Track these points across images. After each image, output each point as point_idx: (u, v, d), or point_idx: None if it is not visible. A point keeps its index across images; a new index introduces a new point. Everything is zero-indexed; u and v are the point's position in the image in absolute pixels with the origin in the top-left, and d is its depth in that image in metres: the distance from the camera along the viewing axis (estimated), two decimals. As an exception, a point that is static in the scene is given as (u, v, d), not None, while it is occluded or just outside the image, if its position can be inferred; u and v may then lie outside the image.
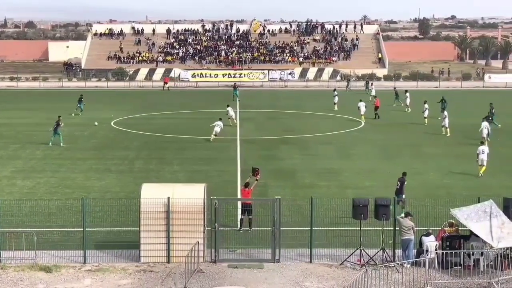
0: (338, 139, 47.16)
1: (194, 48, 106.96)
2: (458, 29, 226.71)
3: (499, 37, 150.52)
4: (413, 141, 45.86)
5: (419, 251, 21.78)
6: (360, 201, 21.94)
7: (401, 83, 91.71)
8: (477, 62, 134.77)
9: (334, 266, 21.61)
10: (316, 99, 73.28)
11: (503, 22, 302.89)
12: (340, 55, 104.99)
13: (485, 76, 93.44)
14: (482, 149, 35.30)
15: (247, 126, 53.17)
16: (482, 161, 35.01)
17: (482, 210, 21.12)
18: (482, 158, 35.04)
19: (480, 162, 35.05)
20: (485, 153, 35.10)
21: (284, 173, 35.58)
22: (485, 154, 35.06)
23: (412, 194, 28.06)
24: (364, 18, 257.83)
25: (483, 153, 35.12)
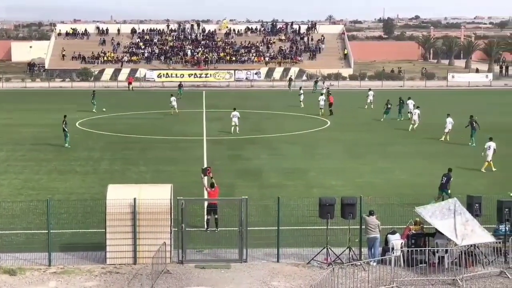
0: (304, 139, 47.32)
1: (160, 48, 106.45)
2: (421, 29, 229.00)
3: (462, 37, 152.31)
4: (378, 140, 46.20)
5: (385, 249, 21.93)
6: (327, 200, 22.02)
7: (366, 82, 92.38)
8: (440, 61, 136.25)
9: (301, 265, 21.67)
10: (282, 99, 73.41)
11: (465, 22, 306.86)
12: (306, 55, 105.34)
13: (448, 76, 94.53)
14: (489, 145, 36.02)
15: (214, 126, 53.06)
16: (487, 156, 35.79)
17: (447, 208, 21.35)
18: (487, 154, 35.81)
19: (485, 157, 35.82)
20: (491, 149, 35.77)
21: (251, 173, 35.59)
22: (491, 150, 35.74)
23: (377, 193, 28.26)
24: (330, 18, 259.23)
25: (489, 149, 35.85)
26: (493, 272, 20.89)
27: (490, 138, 37.14)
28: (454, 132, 46.11)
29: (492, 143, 36.30)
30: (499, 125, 52.82)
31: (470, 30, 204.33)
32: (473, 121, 44.84)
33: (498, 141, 43.93)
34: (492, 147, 35.98)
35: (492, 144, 36.19)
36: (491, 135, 37.78)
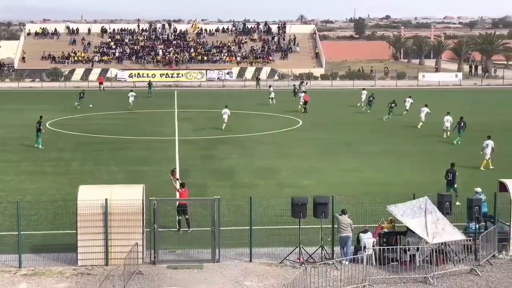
0: (276, 138, 47.39)
1: (131, 48, 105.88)
2: (392, 29, 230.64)
3: (432, 37, 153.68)
4: (350, 140, 46.40)
5: (357, 248, 22.03)
6: (299, 200, 22.07)
7: (338, 82, 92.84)
8: (411, 61, 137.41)
9: (273, 265, 21.69)
10: (254, 99, 73.44)
11: (435, 22, 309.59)
12: (277, 55, 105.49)
13: (419, 75, 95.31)
14: (487, 143, 36.50)
15: (186, 126, 52.92)
16: (486, 155, 36.33)
17: (418, 207, 21.50)
18: (486, 152, 36.33)
19: (484, 156, 36.38)
20: (489, 147, 36.24)
21: (223, 173, 35.55)
22: (489, 148, 36.23)
23: (349, 192, 28.39)
24: (301, 18, 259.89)
25: (487, 147, 36.34)
26: (464, 269, 21.10)
27: (488, 136, 37.51)
28: (431, 131, 46.47)
29: (490, 141, 36.71)
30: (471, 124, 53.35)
31: (440, 30, 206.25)
32: (462, 121, 45.50)
33: (470, 140, 44.45)
34: (490, 145, 36.41)
35: (490, 142, 36.59)
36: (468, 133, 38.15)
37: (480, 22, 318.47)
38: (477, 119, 56.07)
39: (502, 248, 22.42)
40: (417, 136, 47.73)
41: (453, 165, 29.94)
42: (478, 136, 47.38)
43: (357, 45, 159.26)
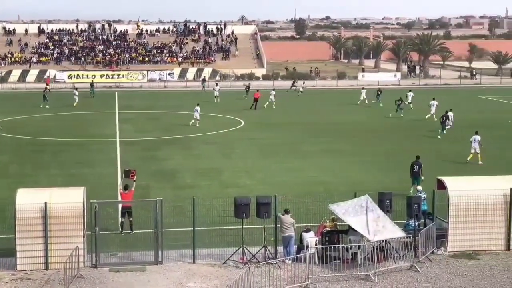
0: (219, 139, 47.34)
1: (70, 48, 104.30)
2: (332, 29, 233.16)
3: (371, 37, 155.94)
4: (292, 139, 46.68)
5: (300, 247, 22.17)
6: (242, 200, 22.08)
7: (279, 82, 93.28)
8: (351, 61, 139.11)
9: (217, 266, 21.66)
10: (197, 99, 73.08)
11: (374, 23, 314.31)
12: (219, 55, 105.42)
13: (359, 75, 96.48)
14: (474, 138, 37.89)
15: (127, 127, 52.42)
16: (475, 149, 37.59)
17: (359, 205, 21.76)
18: (473, 146, 37.64)
19: (472, 150, 37.60)
20: (476, 142, 37.59)
21: (166, 174, 35.34)
22: (476, 143, 37.57)
23: (291, 191, 28.56)
24: (242, 19, 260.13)
25: (475, 142, 37.66)
26: (404, 266, 21.44)
27: (476, 132, 38.96)
28: (373, 130, 47.06)
29: (477, 136, 38.05)
30: (409, 123, 54.35)
31: (379, 31, 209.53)
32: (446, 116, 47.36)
33: (404, 139, 45.31)
34: (477, 140, 37.75)
35: (477, 137, 37.95)
36: (402, 133, 38.76)
37: (417, 23, 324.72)
38: (416, 118, 57.11)
39: (441, 244, 22.88)
40: (359, 135, 48.30)
41: (418, 158, 31.13)
42: (417, 135, 48.30)
43: (298, 46, 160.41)
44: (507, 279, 20.42)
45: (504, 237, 22.95)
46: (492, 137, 45.44)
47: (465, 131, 49.16)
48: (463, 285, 19.98)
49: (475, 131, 39.17)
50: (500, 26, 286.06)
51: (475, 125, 48.68)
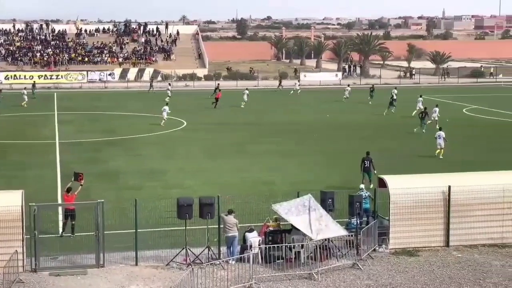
0: (162, 139, 47.01)
1: (6, 49, 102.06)
2: (274, 29, 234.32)
3: (312, 37, 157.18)
4: (236, 140, 46.67)
5: (243, 247, 22.17)
6: (185, 201, 21.95)
7: (222, 82, 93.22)
8: (292, 61, 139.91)
9: (160, 267, 21.49)
10: (138, 100, 72.64)
11: (315, 23, 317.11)
12: (160, 56, 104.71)
13: (300, 75, 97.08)
14: (439, 134, 39.81)
15: (67, 128, 51.59)
16: (440, 144, 39.25)
17: (302, 204, 21.87)
18: (439, 142, 39.38)
19: (438, 145, 39.26)
20: (441, 138, 39.39)
21: (108, 175, 34.91)
22: (441, 139, 39.35)
23: (235, 192, 28.54)
24: (183, 19, 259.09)
25: (440, 138, 39.45)
26: (346, 264, 21.65)
27: (440, 128, 41.48)
28: (316, 130, 47.30)
29: (441, 132, 39.92)
30: (352, 122, 54.98)
31: (320, 31, 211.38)
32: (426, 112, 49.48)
33: (346, 138, 45.80)
34: (442, 136, 39.47)
35: (441, 133, 39.78)
36: (345, 132, 38.97)
37: (357, 23, 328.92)
38: (354, 117, 57.84)
39: (382, 242, 23.18)
40: (301, 136, 48.60)
41: (368, 153, 32.38)
42: (354, 135, 48.89)
43: (240, 46, 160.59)
44: (446, 274, 20.82)
45: (443, 233, 23.39)
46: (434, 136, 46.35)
47: (405, 129, 49.95)
48: (404, 281, 20.29)
49: (439, 127, 41.62)
50: (438, 26, 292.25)
51: (416, 124, 49.55)
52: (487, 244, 23.38)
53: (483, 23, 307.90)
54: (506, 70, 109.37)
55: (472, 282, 20.20)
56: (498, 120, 55.65)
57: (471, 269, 21.26)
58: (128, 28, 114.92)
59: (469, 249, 23.08)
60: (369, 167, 31.94)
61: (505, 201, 23.55)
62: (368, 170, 31.91)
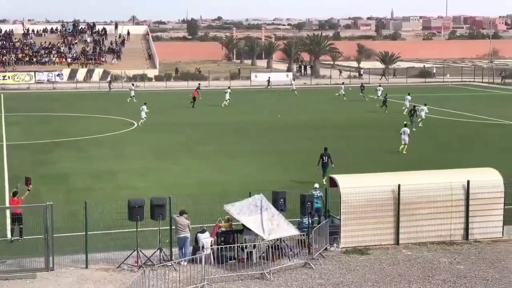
0: (112, 141, 46.55)
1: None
2: (224, 30, 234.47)
3: (263, 38, 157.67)
4: (187, 140, 46.51)
5: (196, 248, 22.11)
6: (136, 202, 21.77)
7: (172, 83, 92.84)
8: (243, 61, 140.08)
9: (111, 270, 21.27)
10: (87, 101, 71.81)
11: (266, 23, 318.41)
12: (109, 56, 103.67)
13: (251, 75, 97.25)
14: (403, 130, 41.29)
15: (15, 130, 50.68)
16: (404, 140, 40.66)
17: (254, 204, 21.90)
18: (403, 138, 40.76)
19: (402, 141, 40.67)
20: (406, 134, 40.85)
21: (57, 178, 34.41)
22: (406, 135, 40.80)
23: (187, 192, 28.43)
24: (133, 19, 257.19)
25: (404, 134, 40.91)
26: (298, 263, 21.76)
27: (405, 124, 43.03)
28: (267, 129, 47.34)
29: (407, 128, 41.59)
30: (306, 121, 55.28)
31: (270, 31, 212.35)
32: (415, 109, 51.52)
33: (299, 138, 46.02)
34: (407, 132, 40.99)
35: (406, 129, 41.33)
36: (298, 132, 39.01)
37: (307, 24, 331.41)
38: (308, 117, 58.19)
39: (333, 241, 23.35)
40: (253, 135, 48.70)
41: (326, 149, 33.27)
42: (307, 135, 49.21)
43: (191, 46, 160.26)
44: (396, 272, 21.10)
45: (393, 232, 23.69)
46: (385, 135, 46.99)
47: (357, 131, 50.48)
48: (355, 279, 20.48)
49: (404, 123, 43.14)
50: (386, 27, 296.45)
51: (366, 125, 50.19)
52: (436, 242, 23.77)
53: (431, 24, 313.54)
54: (453, 70, 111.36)
55: (421, 279, 20.51)
56: (446, 120, 56.61)
57: (420, 267, 21.59)
58: (76, 28, 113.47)
59: (418, 247, 23.43)
60: (327, 163, 32.77)
61: (453, 199, 23.99)
62: (326, 165, 32.72)
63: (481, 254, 22.78)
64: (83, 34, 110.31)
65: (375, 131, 50.23)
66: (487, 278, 20.48)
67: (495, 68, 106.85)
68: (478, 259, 22.29)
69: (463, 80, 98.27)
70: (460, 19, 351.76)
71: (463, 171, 26.22)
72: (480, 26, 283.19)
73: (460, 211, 24.06)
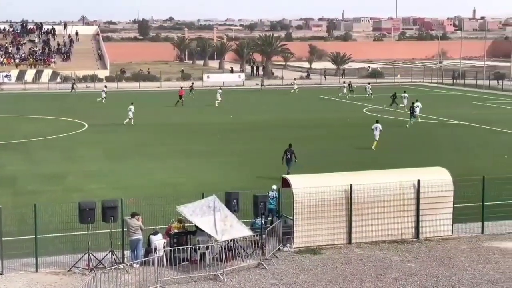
0: (62, 142, 45.89)
1: None
2: (176, 30, 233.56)
3: (214, 38, 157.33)
4: (140, 141, 46.12)
5: (148, 250, 21.91)
6: (87, 205, 21.48)
7: (123, 83, 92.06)
8: (195, 62, 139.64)
9: (62, 273, 20.94)
10: (36, 102, 70.68)
11: (217, 24, 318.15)
12: (59, 57, 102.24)
13: (204, 76, 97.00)
14: (375, 126, 42.19)
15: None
16: (375, 136, 41.80)
17: (207, 205, 21.81)
18: (375, 134, 41.85)
19: (376, 137, 41.76)
20: (378, 130, 41.77)
21: (5, 181, 33.73)
22: (378, 131, 41.72)
23: (139, 194, 28.20)
24: (83, 19, 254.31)
25: (376, 130, 41.85)
26: (252, 264, 21.74)
27: (376, 120, 43.73)
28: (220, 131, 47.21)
29: (379, 124, 42.39)
30: (257, 122, 55.37)
31: (222, 32, 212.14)
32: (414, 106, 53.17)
33: (256, 138, 46.06)
34: (378, 128, 41.96)
35: (378, 125, 42.23)
36: (250, 132, 39.01)
37: (259, 25, 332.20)
38: (260, 117, 58.30)
39: (286, 241, 23.41)
40: (207, 136, 48.53)
41: (291, 145, 34.32)
42: (262, 135, 49.32)
43: (142, 47, 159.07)
44: (349, 271, 21.24)
45: (345, 231, 23.85)
46: (338, 136, 47.38)
47: (308, 131, 50.77)
48: (308, 279, 20.56)
49: (376, 120, 43.94)
50: (338, 28, 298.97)
51: (321, 125, 50.47)
52: (387, 241, 24.01)
53: (381, 25, 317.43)
54: (403, 70, 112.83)
55: (373, 277, 20.69)
56: (397, 120, 57.28)
57: (373, 265, 21.78)
58: (25, 28, 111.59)
59: (370, 246, 23.63)
60: (291, 158, 33.76)
61: (403, 198, 24.26)
62: (290, 160, 33.73)
63: (432, 252, 23.10)
64: (31, 34, 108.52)
65: (325, 130, 50.58)
66: (437, 276, 20.78)
67: (444, 69, 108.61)
68: (429, 257, 22.59)
69: (413, 81, 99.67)
70: (409, 21, 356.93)
71: (414, 170, 26.53)
72: (429, 27, 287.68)
73: (411, 210, 24.36)
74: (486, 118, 57.22)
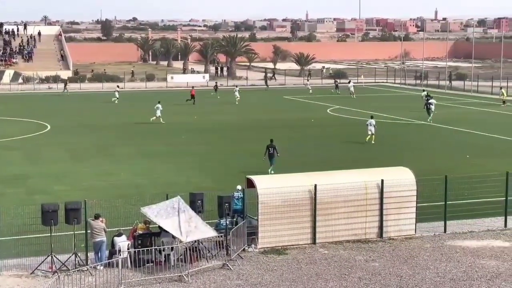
0: (24, 144, 45.35)
1: None
2: (140, 31, 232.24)
3: (178, 39, 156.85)
4: (102, 142, 45.76)
5: (112, 252, 21.76)
6: (49, 207, 21.25)
7: (86, 84, 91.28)
8: (159, 63, 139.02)
9: (24, 276, 20.70)
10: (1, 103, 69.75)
11: (181, 24, 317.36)
12: (20, 57, 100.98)
13: (168, 77, 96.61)
14: (370, 122, 44.03)
15: None
16: (371, 130, 43.61)
17: (171, 206, 21.75)
18: (369, 129, 43.69)
19: (369, 132, 43.63)
20: (372, 125, 43.65)
21: (-35, 183, 33.25)
22: (372, 126, 43.62)
23: (102, 196, 27.97)
24: (45, 19, 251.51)
25: (371, 125, 43.68)
26: (216, 265, 21.72)
27: (371, 116, 45.58)
28: (182, 131, 47.02)
29: (372, 120, 44.31)
30: (223, 123, 55.32)
31: (186, 32, 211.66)
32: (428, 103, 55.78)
33: (220, 138, 46.00)
34: (372, 124, 43.79)
35: (372, 121, 44.13)
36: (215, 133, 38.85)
37: (223, 25, 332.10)
38: (225, 118, 58.26)
39: (251, 241, 23.44)
40: (168, 136, 48.35)
41: (272, 141, 35.18)
42: (225, 136, 49.25)
43: (105, 47, 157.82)
44: (313, 271, 21.34)
45: (310, 231, 23.95)
46: (302, 136, 47.56)
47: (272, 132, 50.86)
48: (273, 280, 20.60)
49: (370, 116, 45.75)
50: (302, 29, 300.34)
51: (286, 125, 50.55)
52: (352, 240, 24.17)
53: (345, 25, 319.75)
54: (367, 71, 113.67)
55: (338, 277, 20.81)
56: (360, 120, 57.72)
57: (337, 265, 21.91)
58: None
59: (334, 246, 23.77)
60: (273, 153, 34.68)
61: (367, 197, 24.45)
62: (272, 156, 34.65)
63: (395, 251, 23.32)
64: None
65: (289, 131, 50.76)
66: (401, 275, 20.98)
67: (407, 69, 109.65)
68: (392, 256, 22.80)
69: (376, 81, 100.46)
70: (372, 21, 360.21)
71: (377, 170, 26.76)
72: (391, 28, 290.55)
73: (374, 210, 24.55)
74: (448, 118, 57.93)
